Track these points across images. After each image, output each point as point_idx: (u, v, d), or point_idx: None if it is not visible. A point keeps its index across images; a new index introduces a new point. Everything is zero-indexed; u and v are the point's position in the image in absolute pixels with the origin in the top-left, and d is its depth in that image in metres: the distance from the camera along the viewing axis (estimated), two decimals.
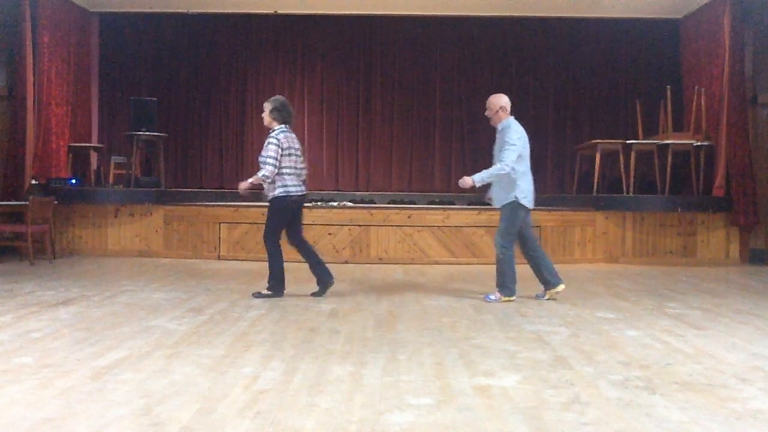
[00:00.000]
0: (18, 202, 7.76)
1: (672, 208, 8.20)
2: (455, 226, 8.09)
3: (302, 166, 5.41)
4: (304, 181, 5.46)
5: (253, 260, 8.01)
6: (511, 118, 5.37)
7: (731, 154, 8.28)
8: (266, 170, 5.14)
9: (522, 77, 10.56)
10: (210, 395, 2.80)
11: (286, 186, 5.23)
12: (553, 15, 10.15)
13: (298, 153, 5.36)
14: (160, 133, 9.38)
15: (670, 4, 9.37)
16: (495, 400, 2.79)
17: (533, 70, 10.53)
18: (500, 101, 5.37)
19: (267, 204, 5.34)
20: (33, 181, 8.13)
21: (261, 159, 5.23)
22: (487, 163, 10.60)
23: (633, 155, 8.46)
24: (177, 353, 3.49)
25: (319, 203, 8.95)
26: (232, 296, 5.42)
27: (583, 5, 9.66)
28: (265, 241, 5.33)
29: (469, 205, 9.38)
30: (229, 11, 10.34)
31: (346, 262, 8.03)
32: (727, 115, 8.31)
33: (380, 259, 8.05)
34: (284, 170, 5.22)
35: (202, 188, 10.28)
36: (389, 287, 6.11)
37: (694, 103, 8.75)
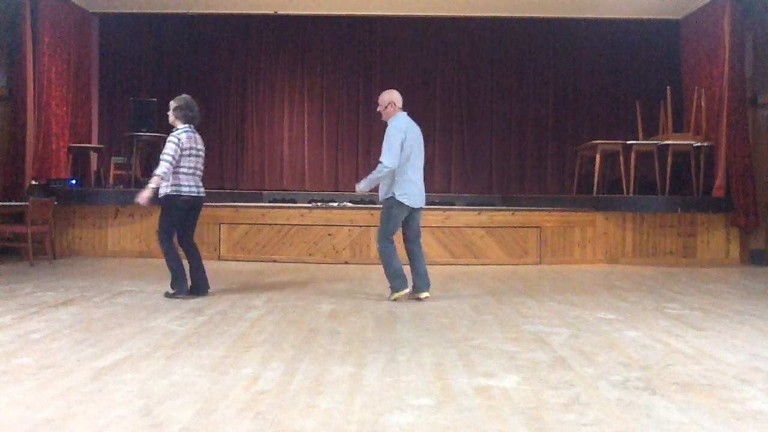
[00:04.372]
0: (18, 203, 7.76)
1: (672, 208, 8.20)
2: (455, 227, 8.09)
3: (201, 167, 5.40)
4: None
5: (253, 261, 8.03)
6: (401, 114, 5.32)
7: (731, 155, 8.28)
8: (162, 167, 5.07)
9: (522, 77, 10.57)
10: (210, 396, 2.80)
11: (178, 185, 5.20)
12: (553, 15, 10.15)
13: (200, 154, 5.36)
14: (160, 133, 9.38)
15: (670, 4, 9.37)
16: (495, 400, 2.79)
17: (533, 70, 10.53)
18: (390, 97, 5.33)
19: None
20: (33, 182, 8.14)
21: (161, 157, 5.21)
22: (485, 162, 10.66)
23: (633, 156, 8.47)
24: (177, 354, 3.49)
25: (319, 204, 8.95)
26: (231, 297, 5.42)
27: (583, 5, 9.67)
28: (158, 241, 5.32)
29: (469, 205, 9.38)
30: (229, 12, 10.35)
31: (346, 263, 8.02)
32: (727, 115, 8.31)
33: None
34: (181, 169, 5.20)
35: None
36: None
37: (694, 103, 8.75)
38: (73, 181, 8.75)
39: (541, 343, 3.86)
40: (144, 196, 5.10)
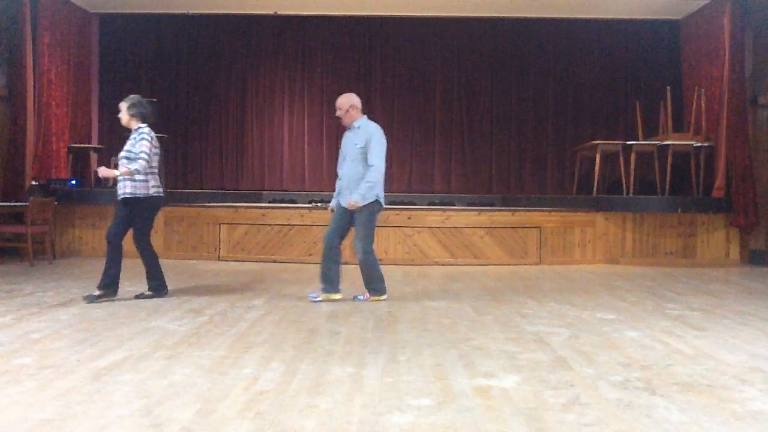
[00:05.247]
0: (18, 203, 7.76)
1: (672, 209, 8.20)
2: (455, 227, 8.09)
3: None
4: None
5: (253, 261, 8.03)
6: (365, 117, 5.26)
7: (731, 155, 8.28)
8: (139, 164, 4.98)
9: (522, 77, 10.57)
10: (210, 396, 2.80)
11: (157, 186, 5.17)
12: (553, 15, 10.15)
13: (159, 153, 5.30)
14: (160, 134, 9.36)
15: (670, 4, 9.37)
16: (495, 401, 2.79)
17: (533, 70, 10.53)
18: (350, 100, 5.24)
19: (124, 203, 5.10)
20: (33, 182, 8.14)
21: (128, 155, 5.07)
22: (485, 162, 10.64)
23: (633, 156, 8.47)
24: (177, 354, 3.49)
25: (319, 204, 8.94)
26: (231, 297, 5.42)
27: (583, 5, 9.67)
28: (141, 244, 5.21)
29: (469, 206, 9.38)
30: (229, 12, 10.34)
31: (346, 263, 7.98)
32: (727, 115, 8.31)
33: (380, 260, 7.96)
34: (154, 169, 5.15)
35: (202, 189, 10.29)
36: (389, 288, 6.10)
37: (694, 103, 8.75)
38: (73, 181, 8.74)
39: (541, 344, 3.86)
40: (106, 174, 5.08)
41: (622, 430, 2.46)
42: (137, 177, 5.05)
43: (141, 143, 5.06)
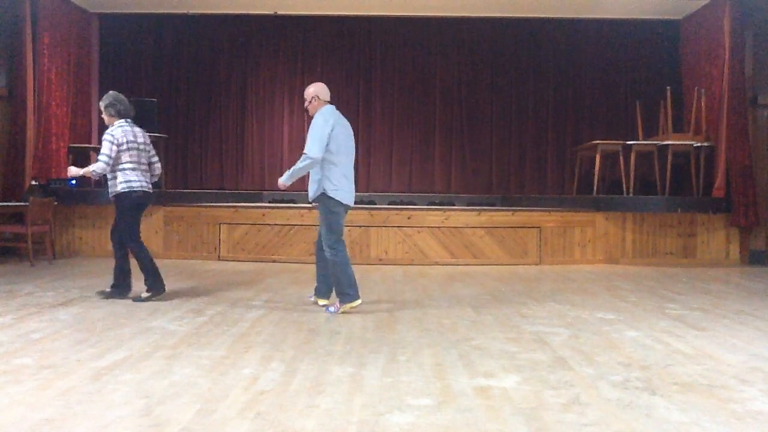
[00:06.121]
0: (18, 203, 7.76)
1: (672, 208, 8.20)
2: (455, 227, 8.09)
3: (153, 160, 5.28)
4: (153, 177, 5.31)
5: (253, 261, 8.03)
6: (328, 107, 5.09)
7: (731, 155, 8.29)
8: (98, 166, 4.97)
9: (522, 77, 10.56)
10: (210, 396, 2.80)
11: (129, 181, 5.07)
12: (553, 15, 10.15)
13: (141, 147, 5.16)
14: (161, 134, 9.38)
15: (670, 4, 9.37)
16: (495, 400, 2.79)
17: (533, 70, 10.53)
18: (316, 90, 5.14)
19: (115, 202, 5.11)
20: (33, 182, 8.14)
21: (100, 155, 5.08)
22: (485, 162, 10.64)
23: (633, 156, 8.47)
24: (177, 354, 3.49)
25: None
26: (231, 297, 5.42)
27: (583, 6, 9.67)
28: (126, 243, 5.12)
29: (469, 206, 9.38)
30: (229, 12, 10.35)
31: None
32: (727, 115, 8.31)
33: (380, 260, 8.05)
34: (125, 165, 5.06)
35: (202, 189, 10.29)
36: (389, 288, 6.11)
37: (694, 103, 8.75)
38: (73, 182, 8.74)
39: (541, 343, 3.86)
40: (74, 174, 5.11)
41: (622, 430, 2.46)
42: (108, 176, 5.08)
43: (103, 144, 5.04)
